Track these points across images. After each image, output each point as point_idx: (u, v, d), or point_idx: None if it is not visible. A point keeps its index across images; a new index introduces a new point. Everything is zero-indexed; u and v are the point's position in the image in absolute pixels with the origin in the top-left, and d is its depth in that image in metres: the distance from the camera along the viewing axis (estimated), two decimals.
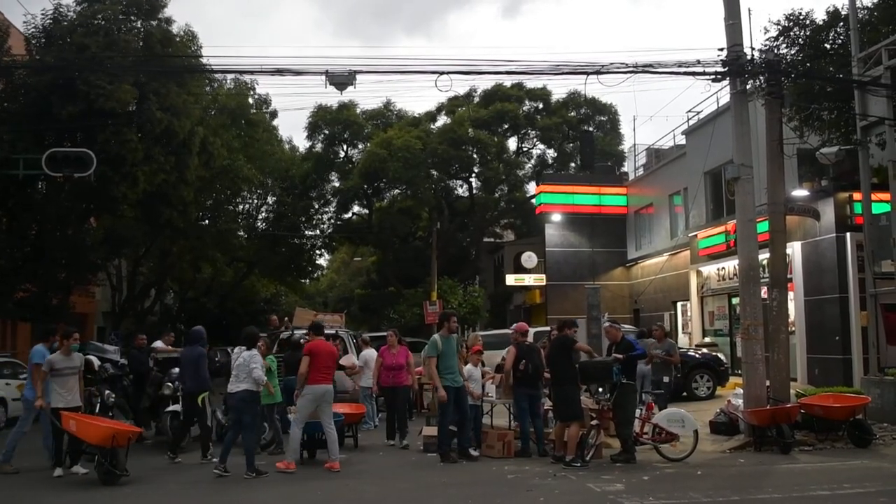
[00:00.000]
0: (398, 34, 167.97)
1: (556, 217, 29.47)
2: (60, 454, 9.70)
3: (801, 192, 17.95)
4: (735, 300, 19.35)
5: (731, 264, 19.87)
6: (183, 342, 13.25)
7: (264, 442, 11.16)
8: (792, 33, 15.03)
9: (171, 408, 11.57)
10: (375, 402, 14.34)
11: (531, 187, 34.50)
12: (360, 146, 34.59)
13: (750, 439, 11.08)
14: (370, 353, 14.11)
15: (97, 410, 10.78)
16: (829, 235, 17.32)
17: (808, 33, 15.15)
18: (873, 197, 13.96)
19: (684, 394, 16.59)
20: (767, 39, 15.02)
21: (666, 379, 12.36)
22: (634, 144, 32.06)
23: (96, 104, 17.41)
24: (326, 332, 15.15)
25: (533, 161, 35.34)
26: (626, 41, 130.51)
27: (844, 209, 17.10)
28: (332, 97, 43.70)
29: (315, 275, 41.48)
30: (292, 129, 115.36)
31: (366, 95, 70.46)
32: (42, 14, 19.05)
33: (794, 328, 17.62)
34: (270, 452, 10.93)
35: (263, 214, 35.47)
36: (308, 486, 8.92)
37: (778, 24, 15.08)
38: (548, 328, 15.73)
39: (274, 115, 32.02)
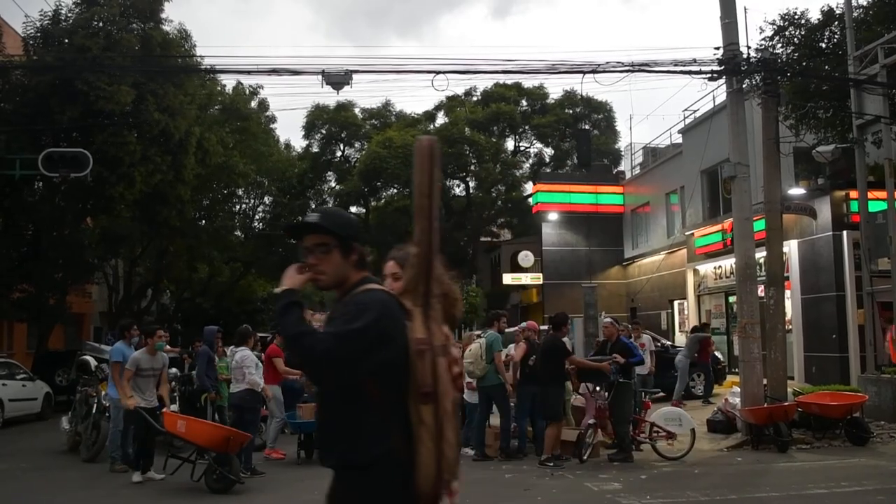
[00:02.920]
0: (390, 36, 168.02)
1: (553, 216, 29.45)
2: (139, 457, 9.12)
3: (797, 191, 17.98)
4: (732, 298, 19.37)
5: (728, 263, 19.89)
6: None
7: (261, 442, 11.17)
8: (787, 32, 15.09)
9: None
10: None
11: (528, 186, 34.54)
12: (357, 145, 34.62)
13: (747, 438, 11.09)
14: None
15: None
16: (825, 234, 17.34)
17: (803, 32, 15.21)
18: (869, 195, 13.98)
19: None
20: (763, 38, 15.11)
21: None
22: (631, 143, 32.11)
23: (96, 105, 17.39)
24: None
25: (530, 160, 35.42)
26: (619, 42, 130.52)
27: (841, 207, 17.12)
28: (328, 97, 43.78)
29: None
30: (289, 131, 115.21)
31: (362, 95, 70.45)
32: (41, 15, 19.07)
33: (791, 326, 17.64)
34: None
35: (260, 214, 35.48)
36: (305, 486, 8.89)
37: (773, 24, 15.15)
38: (546, 327, 15.76)
39: (272, 119, 32.18)
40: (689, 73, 11.79)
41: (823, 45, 15.30)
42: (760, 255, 12.47)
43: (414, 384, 2.30)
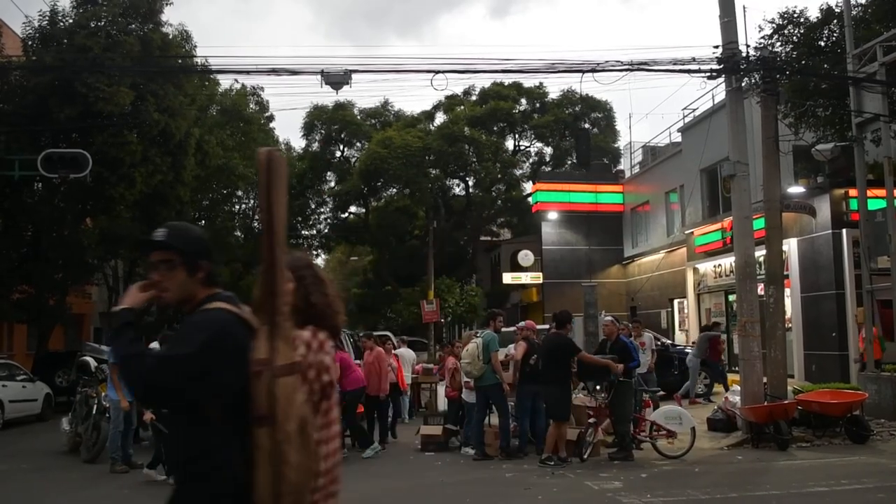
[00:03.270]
0: (390, 36, 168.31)
1: (553, 215, 29.45)
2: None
3: (797, 189, 17.97)
4: (732, 297, 19.37)
5: (728, 261, 19.89)
6: None
7: None
8: (786, 31, 15.10)
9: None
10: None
11: (528, 186, 34.55)
12: (357, 145, 34.63)
13: (747, 436, 11.10)
14: (405, 351, 15.69)
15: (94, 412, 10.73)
16: (825, 232, 17.35)
17: (802, 31, 15.22)
18: (869, 193, 13.97)
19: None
20: (762, 37, 15.11)
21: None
22: (630, 142, 32.12)
23: (95, 107, 17.39)
24: None
25: (530, 159, 35.42)
26: (619, 41, 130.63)
27: (840, 205, 17.13)
28: (328, 97, 43.79)
29: None
30: (288, 130, 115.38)
31: (361, 95, 70.49)
32: (39, 15, 19.07)
33: (790, 325, 17.63)
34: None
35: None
36: None
37: (772, 22, 15.15)
38: (547, 326, 15.77)
39: (271, 118, 32.15)
40: (689, 71, 11.80)
41: (822, 44, 15.30)
42: (760, 253, 12.46)
43: (252, 406, 2.24)
